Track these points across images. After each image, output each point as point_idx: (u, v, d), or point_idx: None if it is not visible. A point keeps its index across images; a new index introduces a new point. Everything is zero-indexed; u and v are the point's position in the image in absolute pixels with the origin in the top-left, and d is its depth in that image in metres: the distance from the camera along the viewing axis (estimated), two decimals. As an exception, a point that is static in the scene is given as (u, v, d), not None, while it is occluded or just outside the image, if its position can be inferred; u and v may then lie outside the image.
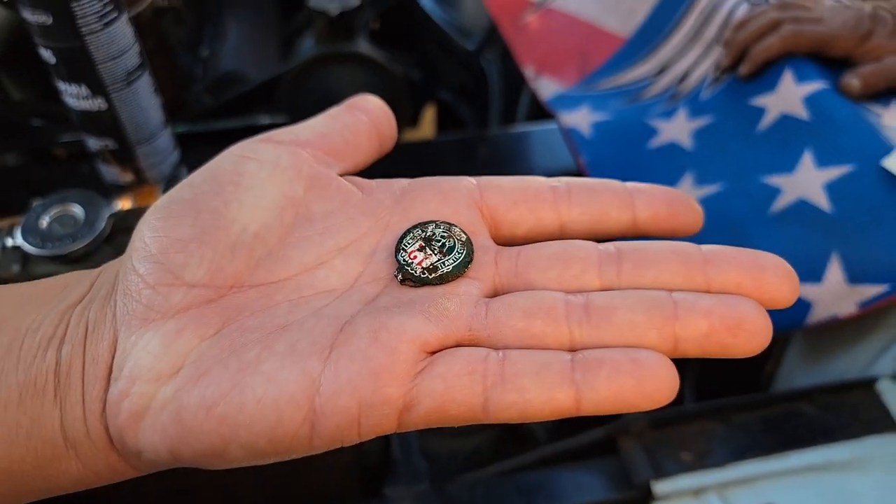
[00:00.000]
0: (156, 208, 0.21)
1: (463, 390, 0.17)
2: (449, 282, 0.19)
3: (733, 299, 0.17)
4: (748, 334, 0.17)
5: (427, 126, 0.95)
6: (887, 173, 0.42)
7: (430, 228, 0.20)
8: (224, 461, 0.18)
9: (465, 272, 0.20)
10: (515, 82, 0.73)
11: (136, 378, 0.18)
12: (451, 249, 0.19)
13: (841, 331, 0.47)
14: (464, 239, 0.20)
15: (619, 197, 0.21)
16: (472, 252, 0.20)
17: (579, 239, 0.20)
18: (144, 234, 0.20)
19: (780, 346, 0.54)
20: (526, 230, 0.21)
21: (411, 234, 0.20)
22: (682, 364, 0.55)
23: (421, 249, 0.19)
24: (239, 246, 0.20)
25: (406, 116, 0.74)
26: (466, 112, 0.83)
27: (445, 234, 0.20)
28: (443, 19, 0.85)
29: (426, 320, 0.18)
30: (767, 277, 0.18)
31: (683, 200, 0.21)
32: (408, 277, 0.19)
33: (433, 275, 0.19)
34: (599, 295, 0.18)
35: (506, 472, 0.42)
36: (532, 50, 0.66)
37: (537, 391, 0.16)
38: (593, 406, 0.16)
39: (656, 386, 0.16)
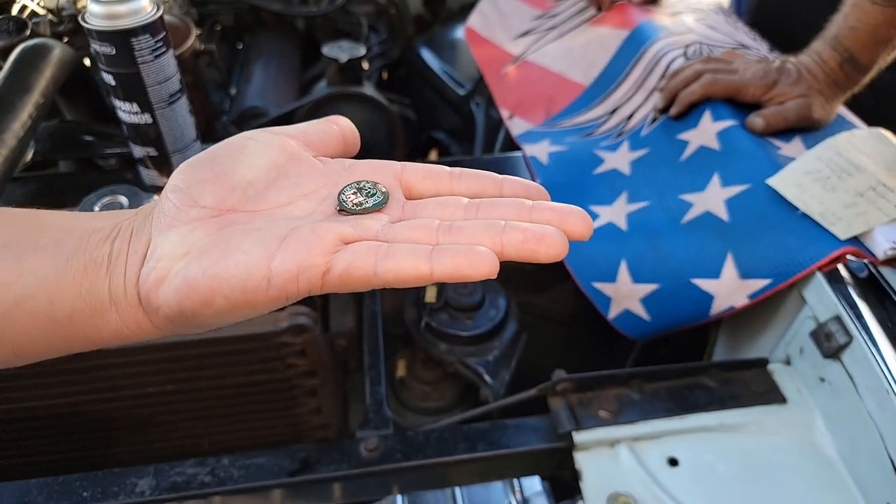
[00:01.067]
0: (187, 162, 0.31)
1: (361, 261, 0.25)
2: (369, 213, 0.29)
3: (543, 226, 0.27)
4: (548, 245, 0.26)
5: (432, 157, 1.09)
6: (773, 190, 0.51)
7: (362, 183, 0.31)
8: (213, 310, 0.27)
9: (381, 209, 0.30)
10: (496, 121, 0.84)
11: (160, 258, 0.27)
12: (374, 195, 0.30)
13: (751, 326, 0.56)
14: (383, 191, 0.30)
15: (493, 182, 0.31)
16: (388, 199, 0.30)
17: None
18: (177, 176, 0.31)
19: (712, 343, 0.63)
20: (428, 196, 0.32)
21: (350, 186, 0.31)
22: (626, 350, 0.64)
23: (354, 194, 0.30)
24: (238, 187, 0.29)
25: (402, 150, 0.85)
26: (457, 149, 0.94)
27: (371, 187, 0.30)
28: (440, 69, 0.97)
29: (348, 226, 0.27)
30: (569, 218, 0.28)
31: (534, 185, 0.31)
32: (343, 209, 0.30)
33: (359, 208, 0.29)
34: (460, 221, 0.29)
35: (456, 424, 0.51)
36: (509, 95, 0.77)
37: (406, 263, 0.25)
38: (440, 274, 0.26)
39: (482, 264, 0.26)
